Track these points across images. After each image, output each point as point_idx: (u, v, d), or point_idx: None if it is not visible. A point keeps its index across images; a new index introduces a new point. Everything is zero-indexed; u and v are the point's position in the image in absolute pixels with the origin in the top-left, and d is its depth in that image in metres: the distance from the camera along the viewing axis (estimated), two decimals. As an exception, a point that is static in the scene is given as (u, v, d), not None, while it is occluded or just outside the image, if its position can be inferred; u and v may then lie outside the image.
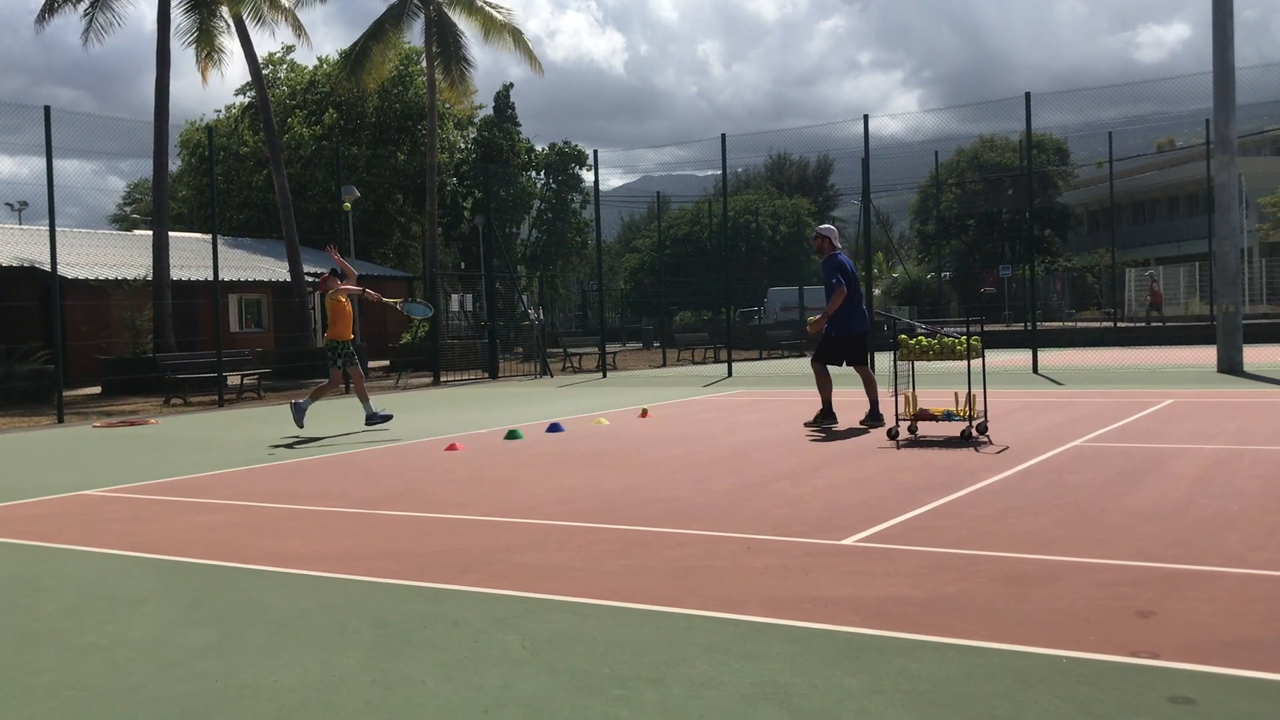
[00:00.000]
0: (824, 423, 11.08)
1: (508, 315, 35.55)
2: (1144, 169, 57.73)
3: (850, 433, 10.56)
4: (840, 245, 11.47)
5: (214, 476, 9.15)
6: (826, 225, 11.97)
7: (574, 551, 5.63)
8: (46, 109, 16.07)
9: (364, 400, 12.92)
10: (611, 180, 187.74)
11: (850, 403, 12.28)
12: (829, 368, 11.35)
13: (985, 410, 9.69)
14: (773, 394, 16.45)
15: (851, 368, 11.35)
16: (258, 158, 39.52)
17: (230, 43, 27.87)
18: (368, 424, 12.66)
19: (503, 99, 47.04)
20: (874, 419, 10.96)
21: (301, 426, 12.56)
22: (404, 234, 44.45)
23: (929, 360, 10.00)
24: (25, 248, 27.78)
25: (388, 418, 12.82)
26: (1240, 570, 4.78)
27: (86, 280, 25.93)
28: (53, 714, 3.49)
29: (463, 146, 46.56)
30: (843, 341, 11.24)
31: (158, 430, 14.01)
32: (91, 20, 24.66)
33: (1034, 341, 20.17)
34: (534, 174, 48.46)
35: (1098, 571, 4.83)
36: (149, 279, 23.96)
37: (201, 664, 3.96)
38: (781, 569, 5.08)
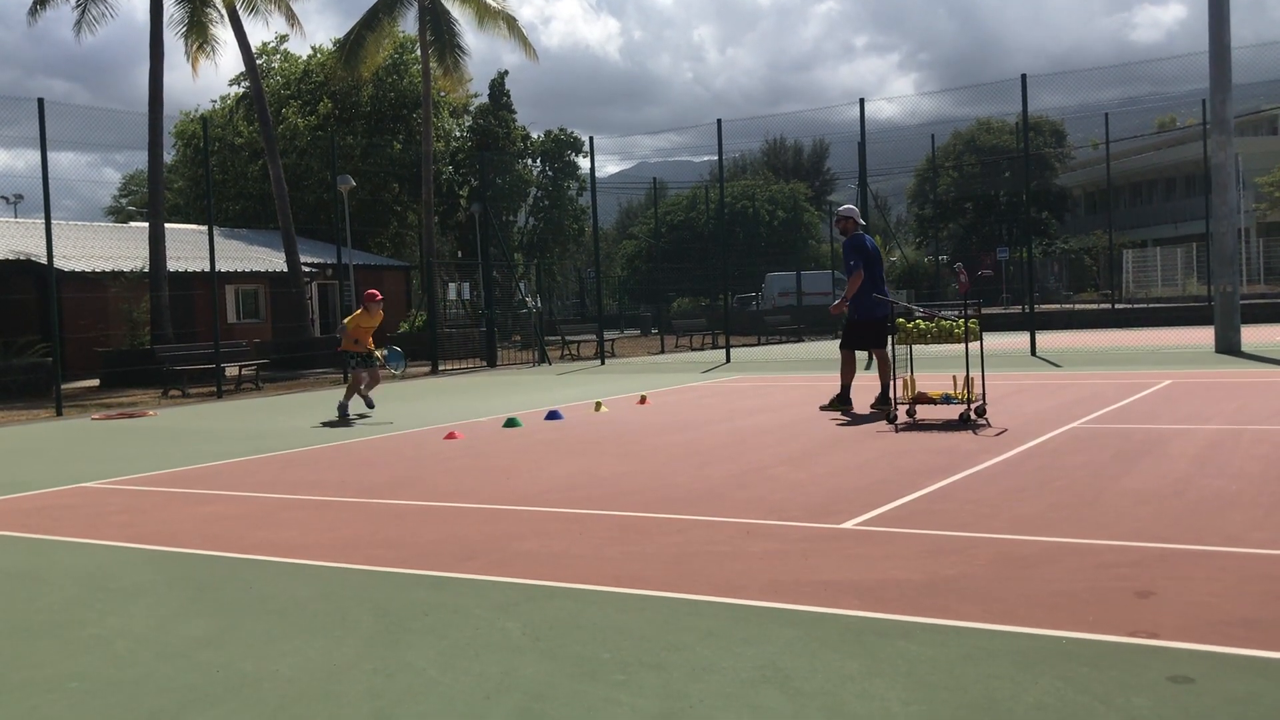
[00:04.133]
0: (840, 407, 11.02)
1: (505, 303, 35.53)
2: (1141, 150, 57.64)
3: (850, 417, 10.56)
4: (863, 224, 11.46)
5: (213, 468, 9.15)
6: (848, 205, 11.99)
7: (574, 538, 5.64)
8: (40, 101, 15.99)
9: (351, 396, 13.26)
10: (608, 167, 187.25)
11: (859, 385, 12.26)
12: (857, 354, 11.33)
13: (983, 393, 9.69)
14: (771, 379, 16.45)
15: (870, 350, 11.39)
16: (253, 148, 39.42)
17: (223, 33, 27.70)
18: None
19: (498, 86, 46.88)
20: (883, 402, 10.95)
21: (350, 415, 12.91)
22: (400, 223, 44.36)
23: (927, 343, 10.00)
24: (21, 241, 27.71)
25: (348, 419, 12.85)
26: (1239, 550, 4.79)
27: (83, 273, 25.90)
28: (55, 705, 3.50)
29: (458, 135, 46.42)
30: (864, 325, 11.21)
31: (156, 422, 14.01)
32: (84, 12, 24.57)
33: (1032, 324, 20.17)
34: (530, 161, 48.32)
35: (1096, 553, 4.84)
36: (146, 271, 23.92)
37: (202, 654, 3.96)
38: (781, 553, 5.09)
